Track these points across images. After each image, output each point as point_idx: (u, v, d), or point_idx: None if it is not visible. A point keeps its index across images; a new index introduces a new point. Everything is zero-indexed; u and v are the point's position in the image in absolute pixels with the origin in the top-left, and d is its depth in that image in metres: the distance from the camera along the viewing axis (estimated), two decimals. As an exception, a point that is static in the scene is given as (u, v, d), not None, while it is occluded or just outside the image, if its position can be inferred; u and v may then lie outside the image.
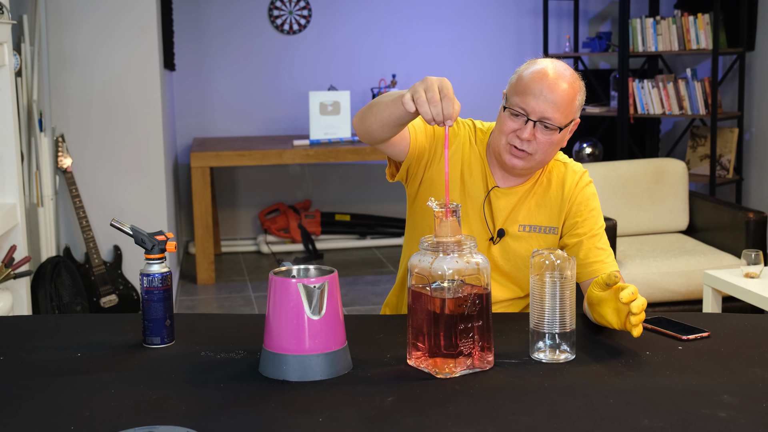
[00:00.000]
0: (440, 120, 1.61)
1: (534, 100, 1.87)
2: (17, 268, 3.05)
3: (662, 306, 4.03)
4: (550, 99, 1.87)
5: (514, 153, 1.92)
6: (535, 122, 1.88)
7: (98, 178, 4.42)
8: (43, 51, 4.23)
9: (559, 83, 1.88)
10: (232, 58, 6.31)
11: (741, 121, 5.58)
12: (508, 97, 1.93)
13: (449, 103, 1.60)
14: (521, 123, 1.90)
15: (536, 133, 1.89)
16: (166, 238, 1.73)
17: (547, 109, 1.87)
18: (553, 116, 1.88)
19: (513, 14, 6.60)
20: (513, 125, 1.91)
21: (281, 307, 1.52)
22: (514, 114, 1.90)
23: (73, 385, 1.50)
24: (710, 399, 1.40)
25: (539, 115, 1.88)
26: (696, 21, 5.46)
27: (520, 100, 1.89)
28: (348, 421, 1.35)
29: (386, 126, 1.81)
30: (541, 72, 1.89)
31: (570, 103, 1.90)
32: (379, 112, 1.81)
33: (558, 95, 1.87)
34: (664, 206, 4.51)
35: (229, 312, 4.79)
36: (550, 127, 1.89)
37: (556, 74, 1.89)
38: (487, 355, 1.56)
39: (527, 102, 1.88)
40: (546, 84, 1.87)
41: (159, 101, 4.50)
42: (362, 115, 1.88)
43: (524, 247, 2.00)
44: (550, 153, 1.94)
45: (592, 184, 2.05)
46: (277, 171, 6.46)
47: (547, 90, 1.87)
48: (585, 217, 2.00)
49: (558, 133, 1.90)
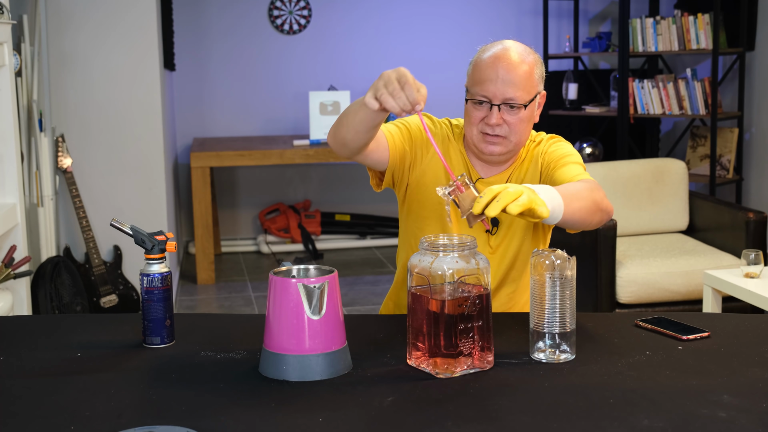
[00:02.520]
0: (408, 109, 1.61)
1: (492, 85, 1.90)
2: (17, 268, 3.05)
3: (662, 306, 4.03)
4: (507, 79, 1.89)
5: (489, 140, 1.94)
6: (500, 105, 1.90)
7: (98, 178, 4.42)
8: (43, 51, 4.23)
9: (513, 62, 1.90)
10: (232, 58, 6.31)
11: (741, 121, 5.58)
12: (469, 88, 1.96)
13: (411, 88, 1.60)
14: (486, 110, 1.92)
15: (503, 115, 1.91)
16: (166, 238, 1.73)
17: (507, 90, 1.89)
18: (515, 95, 1.90)
19: (513, 14, 6.60)
20: (479, 114, 1.93)
21: (281, 307, 1.52)
22: (478, 102, 1.92)
23: (73, 385, 1.50)
24: (710, 399, 1.40)
25: (501, 98, 1.90)
26: (696, 21, 5.46)
27: (480, 89, 1.91)
28: (348, 421, 1.35)
29: (359, 132, 1.81)
30: (493, 56, 1.91)
31: (528, 78, 1.91)
32: (348, 122, 1.81)
33: (514, 74, 1.89)
34: (664, 206, 4.51)
35: (229, 312, 4.78)
36: (516, 107, 1.90)
37: (508, 54, 1.91)
38: (487, 355, 1.56)
39: (487, 88, 1.90)
40: (501, 66, 1.89)
41: (159, 101, 4.50)
42: (334, 130, 1.88)
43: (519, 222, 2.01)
44: (524, 131, 1.95)
45: (557, 139, 2.05)
46: (277, 171, 6.46)
47: (502, 71, 1.89)
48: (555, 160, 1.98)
49: (524, 110, 1.91)
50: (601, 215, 1.81)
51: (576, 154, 2.00)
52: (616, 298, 4.01)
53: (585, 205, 1.73)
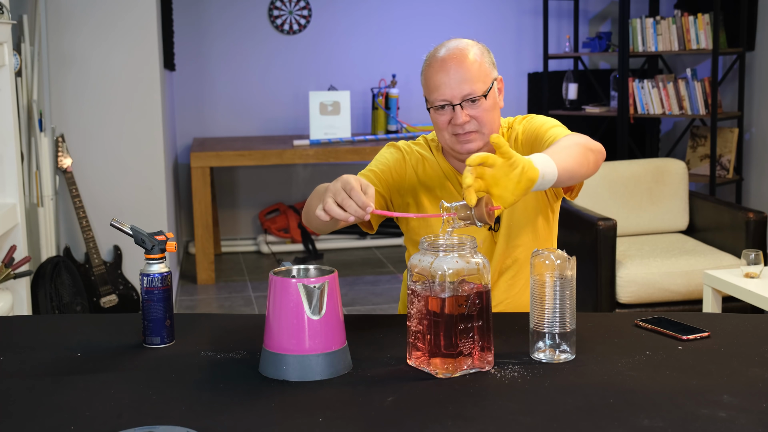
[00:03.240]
0: (360, 214, 1.60)
1: (447, 88, 1.92)
2: (17, 268, 3.05)
3: (662, 306, 4.03)
4: (460, 78, 1.91)
5: (462, 140, 1.95)
6: (461, 104, 1.92)
7: (98, 178, 4.42)
8: (43, 51, 4.23)
9: (460, 58, 1.93)
10: (232, 58, 6.31)
11: (741, 121, 5.58)
12: (428, 98, 1.98)
13: (358, 194, 1.60)
14: (450, 112, 1.94)
15: (467, 111, 1.93)
16: (166, 238, 1.73)
17: (463, 87, 1.91)
18: (472, 89, 1.92)
19: (513, 14, 6.60)
20: (445, 118, 1.95)
21: (281, 307, 1.52)
22: (440, 108, 1.94)
23: (73, 385, 1.50)
24: (710, 399, 1.40)
25: (459, 96, 1.92)
26: (696, 21, 5.46)
27: (438, 94, 1.93)
28: (348, 421, 1.35)
29: (328, 227, 1.83)
30: (440, 60, 1.94)
31: (479, 68, 1.93)
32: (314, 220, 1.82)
33: (464, 70, 1.92)
34: (664, 206, 4.51)
35: (229, 312, 4.79)
36: (476, 100, 1.92)
37: (454, 53, 1.94)
38: (487, 355, 1.56)
39: (443, 92, 1.93)
40: (450, 66, 1.92)
41: (159, 101, 4.50)
42: (306, 217, 1.90)
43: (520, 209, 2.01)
44: (493, 120, 1.97)
45: (528, 117, 2.07)
46: (277, 171, 6.46)
47: (453, 71, 1.92)
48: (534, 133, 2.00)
49: (486, 100, 1.93)
50: (594, 155, 1.82)
51: (549, 120, 2.02)
52: (616, 298, 4.01)
53: (574, 151, 1.75)
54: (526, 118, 2.07)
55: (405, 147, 2.10)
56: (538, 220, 2.05)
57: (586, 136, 1.86)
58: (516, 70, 6.60)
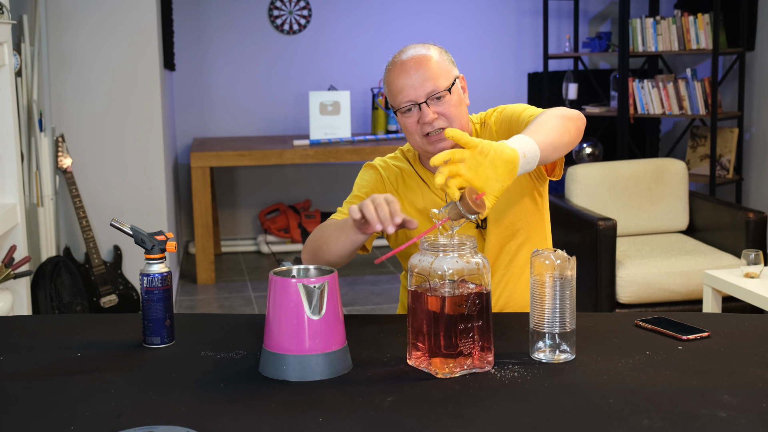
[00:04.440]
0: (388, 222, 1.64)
1: (411, 89, 1.93)
2: (17, 268, 3.05)
3: (662, 306, 4.03)
4: (421, 77, 1.93)
5: (434, 139, 1.96)
6: (426, 102, 1.93)
7: (98, 178, 4.42)
8: (43, 51, 4.23)
9: (418, 59, 1.95)
10: (232, 58, 6.31)
11: (741, 121, 5.58)
12: (393, 105, 2.00)
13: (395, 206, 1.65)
14: (417, 113, 1.95)
15: (434, 108, 1.94)
16: (166, 238, 1.73)
17: (426, 85, 1.93)
18: (435, 85, 1.93)
19: (513, 14, 6.60)
20: (413, 120, 1.96)
21: (281, 307, 1.52)
22: (407, 110, 1.95)
23: (73, 385, 1.50)
24: (710, 399, 1.40)
25: (424, 94, 1.93)
26: (696, 21, 5.46)
27: (402, 97, 1.95)
28: (348, 421, 1.35)
29: (345, 256, 1.86)
30: (399, 64, 1.97)
31: (439, 65, 1.95)
32: (331, 249, 1.85)
33: (424, 69, 1.93)
34: (664, 206, 4.52)
35: (229, 312, 4.79)
36: (441, 95, 1.93)
37: (410, 55, 1.96)
38: (487, 355, 1.56)
39: (407, 94, 1.94)
40: (410, 68, 1.94)
41: (159, 101, 4.50)
42: (314, 255, 1.91)
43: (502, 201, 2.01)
44: (461, 115, 1.98)
45: (499, 108, 2.08)
46: (277, 171, 6.46)
47: (413, 72, 1.93)
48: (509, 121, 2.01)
49: (450, 94, 1.94)
50: (574, 122, 1.82)
51: (521, 105, 2.04)
52: (616, 298, 4.01)
53: (552, 124, 1.76)
54: (497, 109, 2.08)
55: (381, 164, 2.12)
56: (525, 205, 2.05)
57: (561, 107, 1.87)
58: (516, 70, 6.60)
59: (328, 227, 1.88)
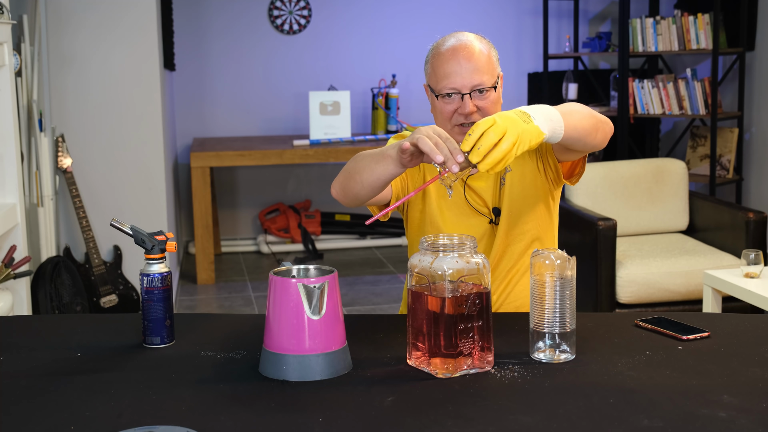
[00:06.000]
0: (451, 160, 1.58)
1: (458, 76, 1.92)
2: (17, 268, 3.05)
3: (662, 306, 4.03)
4: (471, 67, 1.92)
5: (465, 130, 1.95)
6: (470, 93, 1.92)
7: (98, 178, 4.42)
8: (43, 51, 4.23)
9: (471, 49, 1.93)
10: (232, 58, 6.31)
11: (741, 121, 5.58)
12: (433, 86, 1.98)
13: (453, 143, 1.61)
14: (457, 101, 1.94)
15: (476, 102, 1.93)
16: (166, 238, 1.72)
17: (474, 77, 1.92)
18: (482, 80, 1.92)
19: (513, 14, 6.60)
20: (451, 107, 1.95)
21: (281, 307, 1.52)
22: (447, 96, 1.94)
23: (73, 385, 1.50)
24: (710, 399, 1.40)
25: (469, 85, 1.92)
26: (696, 21, 5.46)
27: (448, 82, 1.93)
28: (348, 421, 1.35)
29: (374, 189, 1.83)
30: (451, 49, 1.94)
31: (488, 61, 1.95)
32: (363, 179, 1.82)
33: (476, 60, 1.92)
34: (664, 206, 4.52)
35: (229, 312, 4.79)
36: (485, 90, 1.93)
37: (464, 43, 1.94)
38: (487, 355, 1.56)
39: (454, 80, 1.93)
40: (462, 56, 1.93)
41: (159, 101, 4.50)
42: (343, 185, 1.90)
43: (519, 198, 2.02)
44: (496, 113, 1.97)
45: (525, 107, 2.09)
46: (277, 171, 6.46)
47: (464, 61, 1.92)
48: None
49: (494, 92, 1.95)
50: (604, 126, 1.83)
51: None
52: (616, 298, 4.01)
53: (584, 116, 1.76)
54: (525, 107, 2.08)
55: None
56: (539, 207, 2.05)
57: None
58: (516, 70, 6.60)
59: (365, 157, 1.84)
